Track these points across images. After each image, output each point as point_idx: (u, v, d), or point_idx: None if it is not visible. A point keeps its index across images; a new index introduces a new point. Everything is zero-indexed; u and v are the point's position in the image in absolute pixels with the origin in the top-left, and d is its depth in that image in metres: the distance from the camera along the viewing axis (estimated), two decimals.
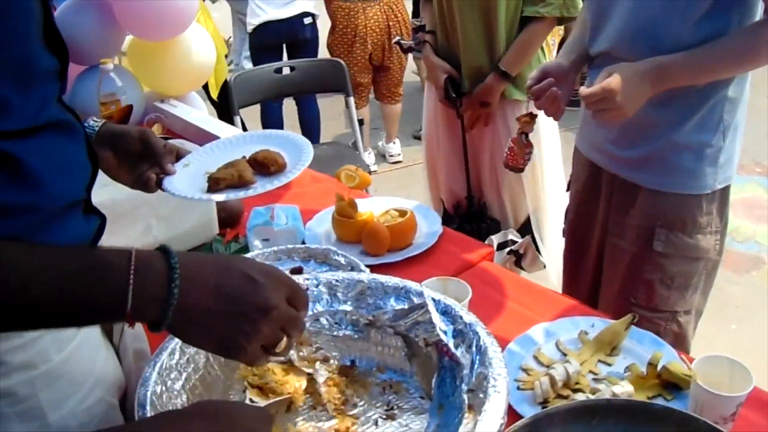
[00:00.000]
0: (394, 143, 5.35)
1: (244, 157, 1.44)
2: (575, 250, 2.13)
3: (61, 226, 0.99)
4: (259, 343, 0.91)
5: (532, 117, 1.95)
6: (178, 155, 1.41)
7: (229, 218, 1.97)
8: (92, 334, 1.07)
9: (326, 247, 1.71)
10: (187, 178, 1.38)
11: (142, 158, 1.35)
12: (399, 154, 5.36)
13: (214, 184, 1.37)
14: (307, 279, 1.30)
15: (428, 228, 1.92)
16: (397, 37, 2.71)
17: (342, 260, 1.68)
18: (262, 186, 1.37)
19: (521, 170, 2.06)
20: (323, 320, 1.30)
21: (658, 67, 1.60)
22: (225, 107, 3.81)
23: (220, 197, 1.37)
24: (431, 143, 2.95)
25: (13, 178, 0.90)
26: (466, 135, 2.72)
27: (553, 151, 2.78)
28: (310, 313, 1.28)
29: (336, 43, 4.81)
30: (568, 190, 2.14)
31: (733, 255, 3.82)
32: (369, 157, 5.02)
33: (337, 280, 1.30)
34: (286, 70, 3.75)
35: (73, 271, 0.83)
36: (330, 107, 5.79)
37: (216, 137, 2.37)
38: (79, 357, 1.02)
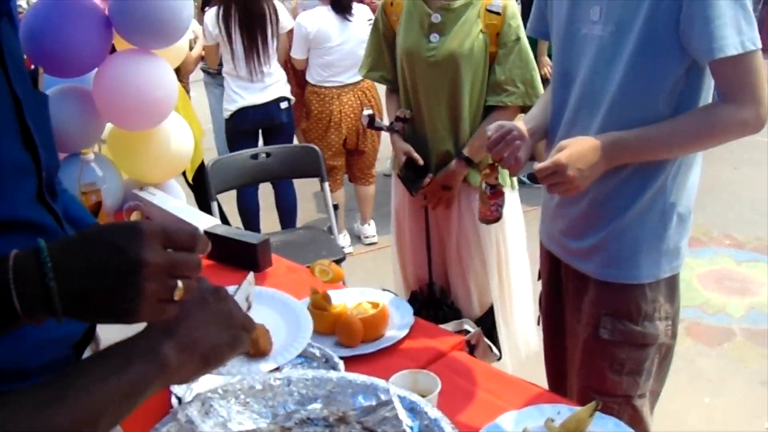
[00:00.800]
0: (369, 225, 5.41)
1: None
2: (552, 338, 2.18)
3: (44, 327, 1.01)
4: (152, 300, 0.88)
5: (493, 168, 2.00)
6: None
7: None
8: None
9: None
10: None
11: None
12: (374, 236, 5.40)
13: None
14: (279, 379, 1.34)
15: (400, 319, 1.97)
16: (370, 111, 2.81)
17: (317, 352, 1.72)
18: (236, 370, 1.36)
19: (496, 220, 2.10)
20: (296, 417, 1.34)
21: (611, 141, 1.69)
22: (201, 190, 3.87)
23: None
24: (400, 228, 3.03)
25: None
26: (430, 222, 2.82)
27: (517, 238, 2.86)
28: (282, 411, 1.33)
29: (311, 129, 4.93)
30: (539, 279, 2.20)
31: (703, 328, 3.88)
32: (344, 239, 5.08)
33: (307, 379, 1.35)
34: (262, 155, 3.82)
35: None
36: (304, 188, 5.87)
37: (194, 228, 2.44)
38: None
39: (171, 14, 2.50)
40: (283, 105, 4.80)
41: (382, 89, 3.41)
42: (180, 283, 0.90)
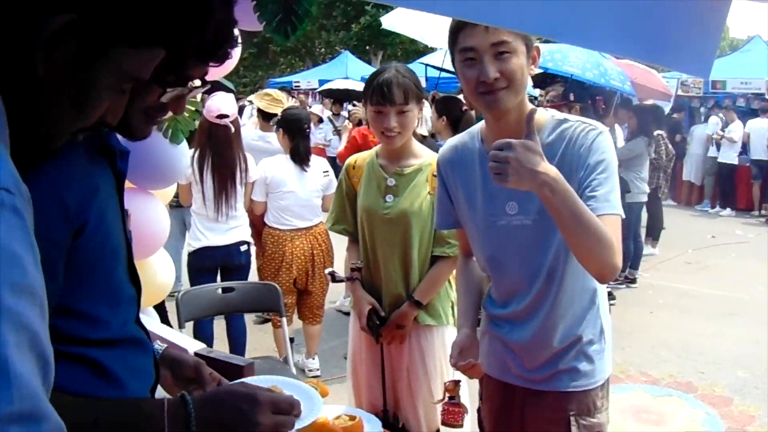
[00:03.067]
0: (314, 359, 5.67)
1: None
2: None
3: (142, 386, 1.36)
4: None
5: (456, 383, 2.40)
6: (220, 383, 1.76)
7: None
8: None
9: None
10: None
11: (193, 382, 1.69)
12: (318, 369, 5.65)
13: None
14: None
15: (371, 429, 2.30)
16: (331, 269, 3.27)
17: None
18: None
19: (460, 426, 2.45)
20: None
21: (553, 178, 1.86)
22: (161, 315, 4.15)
23: None
24: (356, 362, 3.34)
25: (95, 376, 1.28)
26: (384, 357, 3.15)
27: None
28: None
29: (265, 267, 5.28)
30: (478, 410, 2.51)
31: None
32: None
33: None
34: (227, 290, 4.11)
35: (128, 416, 1.25)
36: (248, 322, 6.17)
37: (183, 349, 2.74)
38: None
39: (171, 161, 2.88)
40: (243, 248, 5.09)
41: (333, 235, 3.84)
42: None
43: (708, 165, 13.89)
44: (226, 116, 4.76)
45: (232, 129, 4.83)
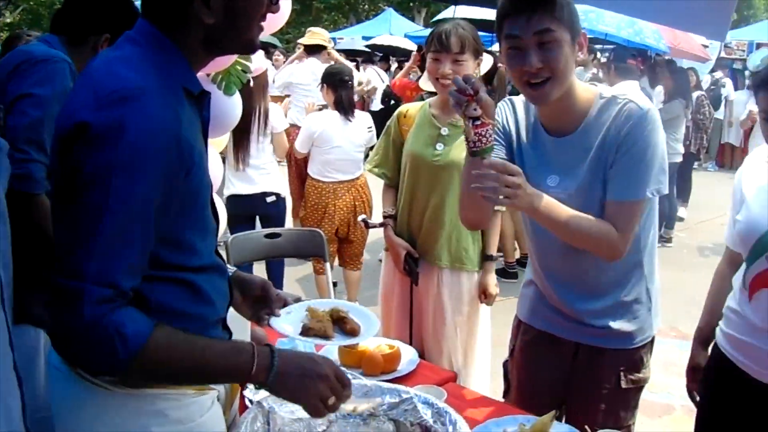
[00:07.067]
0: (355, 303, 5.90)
1: (327, 312, 2.00)
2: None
3: (212, 335, 1.60)
4: (318, 398, 1.58)
5: (471, 98, 1.95)
6: (285, 303, 1.99)
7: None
8: (218, 410, 1.68)
9: None
10: (287, 319, 1.95)
11: (260, 301, 1.94)
12: None
13: (306, 330, 1.93)
14: None
15: (409, 358, 2.55)
16: (363, 216, 3.45)
17: (350, 377, 2.26)
18: (337, 340, 1.97)
19: (483, 152, 1.99)
20: (339, 412, 1.84)
21: (542, 198, 2.06)
22: None
23: (307, 340, 1.94)
24: (387, 303, 3.56)
25: (194, 297, 1.53)
26: (413, 298, 3.37)
27: (483, 317, 3.42)
28: None
29: (308, 217, 5.51)
30: (511, 356, 2.61)
31: (647, 403, 4.38)
32: None
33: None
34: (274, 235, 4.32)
35: (228, 350, 1.52)
36: (290, 273, 6.42)
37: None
38: (210, 421, 1.63)
39: (225, 111, 3.07)
40: (270, 199, 5.21)
41: (373, 186, 3.96)
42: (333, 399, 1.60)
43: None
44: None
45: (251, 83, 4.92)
